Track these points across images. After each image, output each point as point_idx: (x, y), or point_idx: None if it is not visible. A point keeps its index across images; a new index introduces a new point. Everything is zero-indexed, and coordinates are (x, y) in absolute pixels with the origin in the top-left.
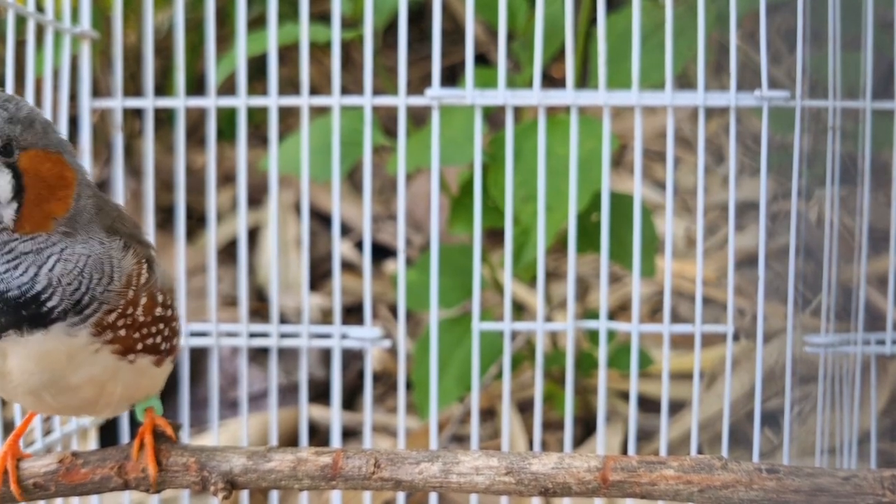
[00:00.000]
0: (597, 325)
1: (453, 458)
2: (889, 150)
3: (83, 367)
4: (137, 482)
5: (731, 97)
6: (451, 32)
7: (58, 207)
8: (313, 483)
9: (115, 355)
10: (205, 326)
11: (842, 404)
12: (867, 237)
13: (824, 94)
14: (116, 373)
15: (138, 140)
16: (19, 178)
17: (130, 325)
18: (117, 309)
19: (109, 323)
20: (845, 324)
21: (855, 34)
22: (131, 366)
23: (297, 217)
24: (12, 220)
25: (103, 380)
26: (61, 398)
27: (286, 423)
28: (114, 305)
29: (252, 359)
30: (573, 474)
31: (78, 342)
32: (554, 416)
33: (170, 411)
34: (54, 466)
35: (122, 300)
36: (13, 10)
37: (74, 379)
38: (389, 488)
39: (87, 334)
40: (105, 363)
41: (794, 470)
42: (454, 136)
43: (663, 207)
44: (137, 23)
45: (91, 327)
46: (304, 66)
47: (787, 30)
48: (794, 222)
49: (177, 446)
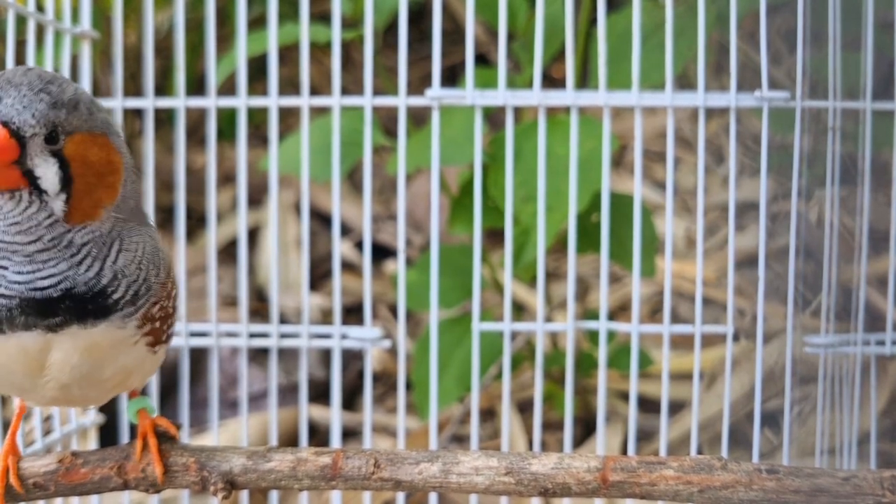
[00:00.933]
0: (597, 326)
1: (453, 459)
2: (889, 151)
3: (120, 358)
4: (137, 482)
5: (731, 98)
6: (451, 32)
7: (107, 195)
8: (313, 483)
9: (147, 347)
10: (205, 327)
11: (842, 405)
12: (867, 237)
13: (824, 95)
14: (143, 363)
15: (138, 140)
16: (66, 168)
17: (163, 317)
18: (161, 301)
19: (153, 315)
20: (845, 324)
21: (855, 34)
22: (154, 355)
23: (297, 217)
24: (62, 212)
25: (130, 370)
26: (87, 391)
27: (286, 423)
28: (159, 297)
29: (252, 359)
30: (573, 474)
31: (124, 334)
32: (554, 417)
33: (170, 411)
34: (54, 466)
35: (164, 292)
36: (13, 9)
37: (108, 371)
38: (389, 488)
39: (134, 326)
40: (137, 354)
41: (793, 470)
42: (454, 137)
43: (663, 208)
44: (138, 23)
45: (138, 319)
46: (304, 66)
47: (787, 30)
48: (795, 223)
49: (177, 446)
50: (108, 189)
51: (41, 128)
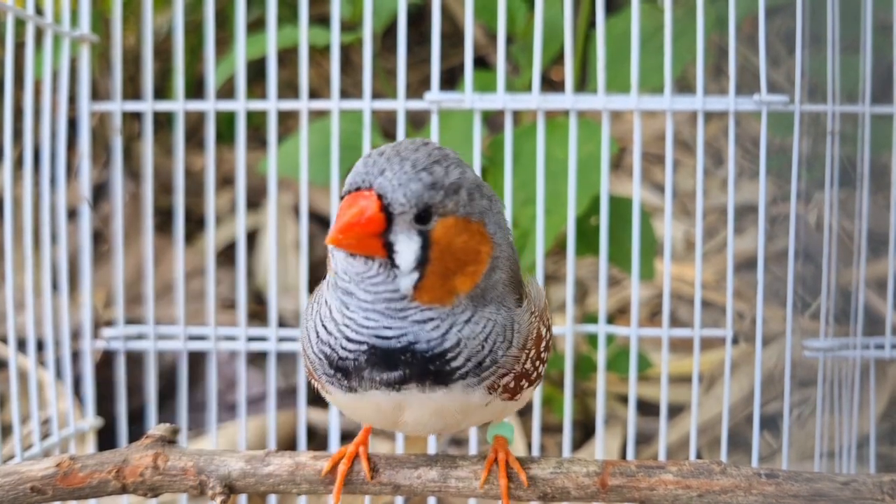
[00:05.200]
0: (596, 329)
1: (452, 463)
2: (888, 154)
3: (474, 415)
4: (135, 486)
5: (730, 101)
6: (450, 35)
7: (462, 283)
8: (311, 487)
9: (504, 401)
10: (203, 330)
11: (841, 408)
12: (866, 241)
13: (823, 98)
14: (504, 410)
15: (137, 143)
16: (427, 248)
17: (519, 376)
18: (512, 371)
19: (502, 384)
20: (844, 328)
21: (854, 37)
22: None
23: (296, 220)
24: (410, 290)
25: (490, 419)
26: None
27: (284, 426)
28: (509, 369)
29: (250, 362)
30: (572, 479)
31: (474, 399)
32: (553, 420)
33: (168, 414)
34: (52, 470)
35: (516, 364)
36: (12, 13)
37: (464, 424)
38: (388, 493)
39: (483, 393)
40: (493, 408)
41: (793, 475)
42: (453, 140)
43: (662, 210)
44: (137, 26)
45: (485, 389)
46: (303, 69)
47: (786, 33)
48: (794, 226)
49: (175, 450)
50: (465, 277)
51: (411, 207)
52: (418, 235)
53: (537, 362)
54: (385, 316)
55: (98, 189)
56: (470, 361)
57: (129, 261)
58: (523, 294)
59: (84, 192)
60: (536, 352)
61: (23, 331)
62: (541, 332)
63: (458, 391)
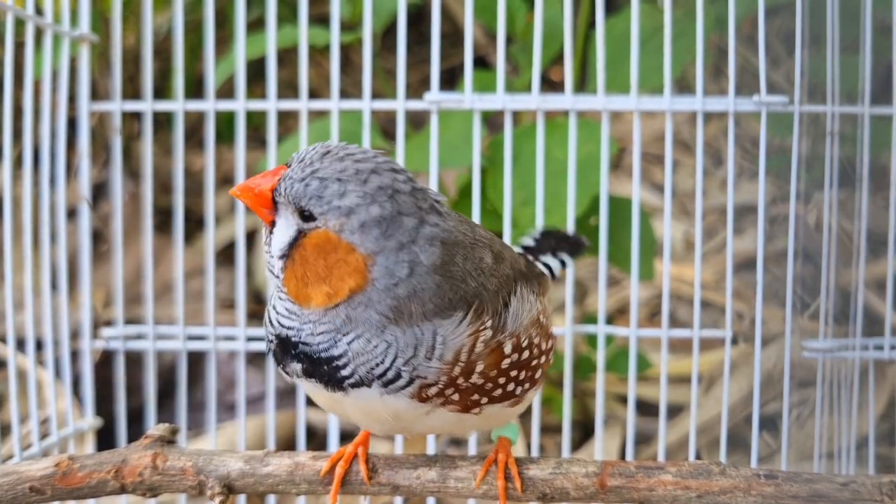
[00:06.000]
0: (595, 329)
1: (451, 463)
2: (888, 154)
3: (421, 420)
4: (134, 486)
5: (729, 102)
6: (449, 35)
7: (317, 297)
8: (310, 488)
9: (454, 413)
10: (203, 330)
11: (840, 409)
12: (866, 241)
13: (823, 98)
14: (463, 421)
15: (137, 143)
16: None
17: (464, 391)
18: (437, 383)
19: (430, 395)
20: (844, 328)
21: (854, 38)
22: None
23: None
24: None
25: (451, 425)
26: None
27: (284, 426)
28: (433, 380)
29: (250, 362)
30: (571, 479)
31: (399, 404)
32: (552, 420)
33: (167, 414)
34: (51, 470)
35: (443, 376)
36: (12, 12)
37: (419, 426)
38: (387, 493)
39: (408, 399)
40: (445, 418)
41: (792, 475)
42: (453, 140)
43: (662, 211)
44: (136, 25)
45: (408, 397)
46: (303, 69)
47: (786, 33)
48: (793, 226)
49: (174, 450)
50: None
51: (289, 202)
52: (295, 229)
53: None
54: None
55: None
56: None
57: (128, 260)
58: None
59: (83, 191)
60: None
61: (22, 330)
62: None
63: (375, 394)
